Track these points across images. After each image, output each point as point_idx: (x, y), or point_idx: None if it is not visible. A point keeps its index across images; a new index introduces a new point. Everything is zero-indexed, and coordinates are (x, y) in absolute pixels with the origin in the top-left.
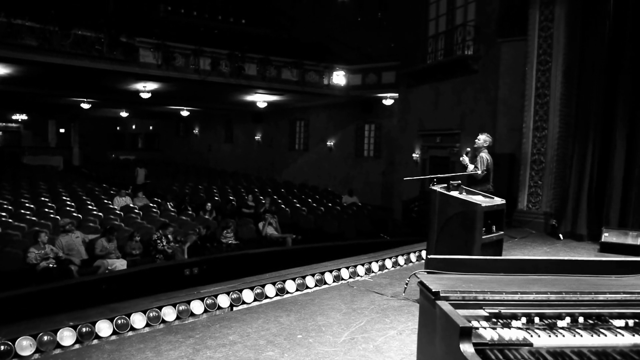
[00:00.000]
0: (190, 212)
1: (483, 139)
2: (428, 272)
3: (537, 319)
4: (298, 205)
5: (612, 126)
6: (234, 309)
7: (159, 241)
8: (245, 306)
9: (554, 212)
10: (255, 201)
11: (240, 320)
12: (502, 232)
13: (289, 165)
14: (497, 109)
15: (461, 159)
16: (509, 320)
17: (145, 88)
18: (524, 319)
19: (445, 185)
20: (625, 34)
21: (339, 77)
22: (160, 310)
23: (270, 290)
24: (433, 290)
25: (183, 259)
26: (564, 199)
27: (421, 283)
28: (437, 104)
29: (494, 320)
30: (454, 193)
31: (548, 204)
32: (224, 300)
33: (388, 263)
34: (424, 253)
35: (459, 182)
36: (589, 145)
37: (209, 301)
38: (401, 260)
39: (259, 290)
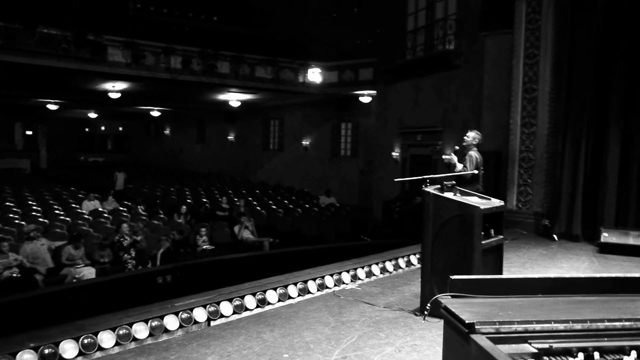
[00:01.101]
0: (162, 216)
1: (472, 136)
2: (453, 296)
3: (596, 355)
4: (274, 207)
5: (606, 121)
6: (212, 323)
7: (122, 239)
8: (223, 320)
9: (545, 211)
10: (230, 203)
11: (219, 337)
12: (501, 237)
13: (263, 165)
14: (482, 105)
15: (449, 157)
16: (563, 358)
17: (115, 88)
18: (580, 355)
19: (439, 186)
20: (618, 25)
21: (314, 75)
22: (131, 327)
23: (250, 301)
24: (467, 321)
25: (156, 265)
26: (557, 197)
27: (447, 310)
28: (418, 101)
29: (545, 358)
30: (449, 194)
31: (539, 203)
32: (200, 314)
33: (375, 269)
34: (413, 258)
35: (453, 182)
36: (582, 141)
37: (184, 315)
38: (389, 266)
39: (238, 302)
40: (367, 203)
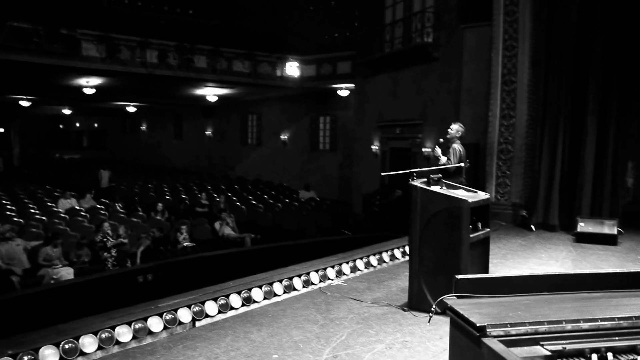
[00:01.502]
0: (140, 213)
1: (455, 128)
2: (458, 297)
3: (610, 356)
4: (254, 202)
5: (583, 113)
6: (197, 324)
7: (105, 239)
8: (209, 320)
9: (524, 202)
10: (209, 199)
11: (205, 338)
12: (488, 230)
13: (242, 160)
14: (461, 98)
15: (429, 150)
16: None
17: (89, 83)
18: (594, 357)
19: (425, 179)
20: (595, 17)
21: (292, 68)
22: (114, 330)
23: (235, 300)
24: (477, 324)
25: (136, 264)
26: (535, 189)
27: (454, 312)
28: (397, 94)
29: None
30: (435, 188)
31: (517, 194)
32: (185, 315)
33: (360, 264)
34: (397, 252)
35: (439, 175)
36: (560, 133)
37: (169, 316)
38: (374, 260)
39: (223, 301)
40: (347, 197)
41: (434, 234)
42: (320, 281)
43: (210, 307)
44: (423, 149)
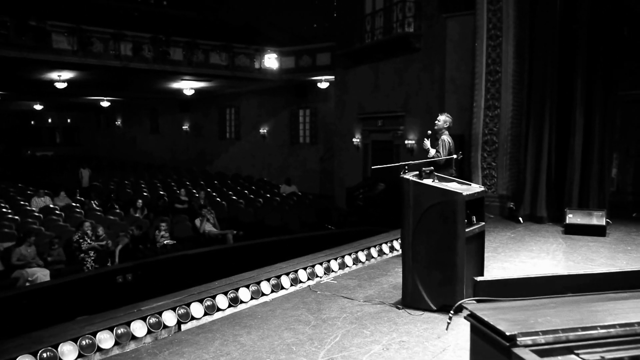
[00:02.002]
0: (118, 211)
1: (443, 119)
2: (479, 301)
3: None
4: (234, 197)
5: (570, 104)
6: (182, 327)
7: (81, 240)
8: (195, 323)
9: (510, 194)
10: (189, 195)
11: (192, 343)
12: (483, 223)
13: (220, 155)
14: (445, 88)
15: (422, 143)
16: None
17: (61, 77)
18: None
19: (417, 172)
20: (581, 5)
21: (270, 60)
22: (95, 337)
23: (222, 301)
24: (507, 333)
25: (115, 263)
26: (521, 180)
27: (476, 318)
28: (378, 86)
29: None
30: (428, 181)
31: (504, 186)
32: (169, 318)
33: (348, 260)
34: (385, 247)
35: (431, 168)
36: (546, 123)
37: (153, 320)
38: (362, 256)
39: (209, 303)
40: (329, 191)
41: (427, 229)
42: (309, 279)
43: (196, 309)
44: (406, 141)
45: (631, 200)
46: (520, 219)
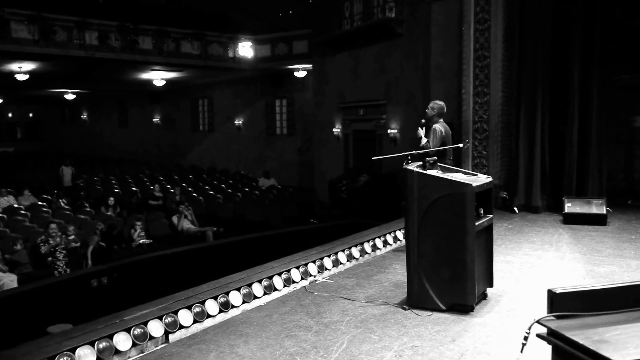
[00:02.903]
0: (88, 209)
1: (431, 107)
2: (557, 317)
3: None
4: (212, 192)
5: (565, 88)
6: (171, 337)
7: (41, 244)
8: (184, 332)
9: (502, 183)
10: (163, 191)
11: (185, 356)
12: (491, 216)
13: (194, 148)
14: (431, 75)
15: (416, 132)
16: None
17: (22, 69)
18: None
19: (421, 163)
20: None
21: (245, 49)
22: (74, 353)
23: (212, 306)
24: None
25: (88, 265)
26: (514, 169)
27: (563, 339)
28: (358, 74)
29: None
30: (433, 172)
31: (496, 175)
32: (156, 328)
33: (342, 257)
34: (378, 242)
35: (435, 158)
36: (538, 109)
37: (138, 331)
38: (356, 252)
39: (198, 309)
40: (308, 183)
41: (434, 223)
42: (302, 278)
43: (184, 316)
44: (389, 131)
45: (623, 187)
46: (515, 208)
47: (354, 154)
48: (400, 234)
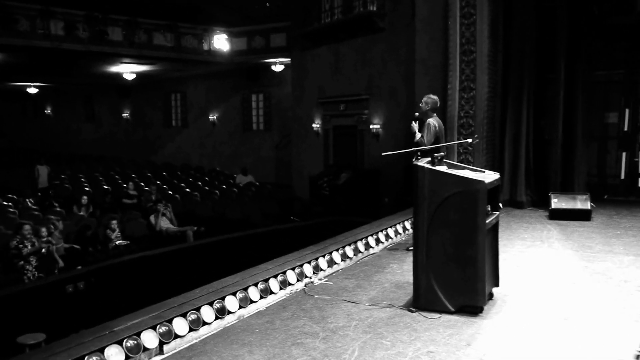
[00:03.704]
0: (58, 209)
1: (425, 101)
2: None
3: None
4: (188, 190)
5: (550, 84)
6: (165, 347)
7: (21, 246)
8: (180, 343)
9: None
10: (138, 189)
11: None
12: (497, 213)
13: (166, 144)
14: (415, 70)
15: (410, 127)
16: None
17: None
18: None
19: (429, 159)
20: None
21: (220, 42)
22: None
23: (207, 313)
24: None
25: (60, 269)
26: (499, 165)
27: None
28: (339, 68)
29: None
30: (442, 169)
31: None
32: (150, 339)
33: (337, 257)
34: (371, 239)
35: (443, 154)
36: (523, 104)
37: (130, 343)
38: (349, 251)
39: (193, 316)
40: (286, 180)
41: (444, 222)
42: (298, 280)
43: (179, 325)
44: (371, 126)
45: (597, 182)
46: (500, 204)
47: (335, 150)
48: (391, 232)
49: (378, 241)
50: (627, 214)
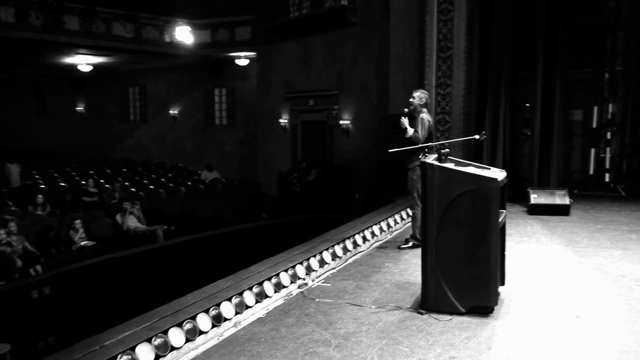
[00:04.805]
0: (13, 209)
1: (418, 96)
2: None
3: None
4: (152, 187)
5: (531, 80)
6: None
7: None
8: (176, 355)
9: None
10: (98, 186)
11: None
12: (505, 212)
13: (124, 139)
14: (390, 65)
15: (400, 122)
16: None
17: None
18: None
19: (436, 156)
20: None
21: (183, 34)
22: None
23: (203, 321)
24: None
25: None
26: (476, 160)
27: None
28: (308, 63)
29: None
30: (449, 165)
31: None
32: (145, 353)
33: (327, 257)
34: (358, 237)
35: (448, 150)
36: (501, 100)
37: (126, 359)
38: (338, 250)
39: (189, 325)
40: (251, 176)
41: (455, 221)
42: (292, 282)
43: (175, 335)
44: (341, 122)
45: (562, 177)
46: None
47: (303, 145)
48: (377, 229)
49: (365, 239)
50: (601, 208)
